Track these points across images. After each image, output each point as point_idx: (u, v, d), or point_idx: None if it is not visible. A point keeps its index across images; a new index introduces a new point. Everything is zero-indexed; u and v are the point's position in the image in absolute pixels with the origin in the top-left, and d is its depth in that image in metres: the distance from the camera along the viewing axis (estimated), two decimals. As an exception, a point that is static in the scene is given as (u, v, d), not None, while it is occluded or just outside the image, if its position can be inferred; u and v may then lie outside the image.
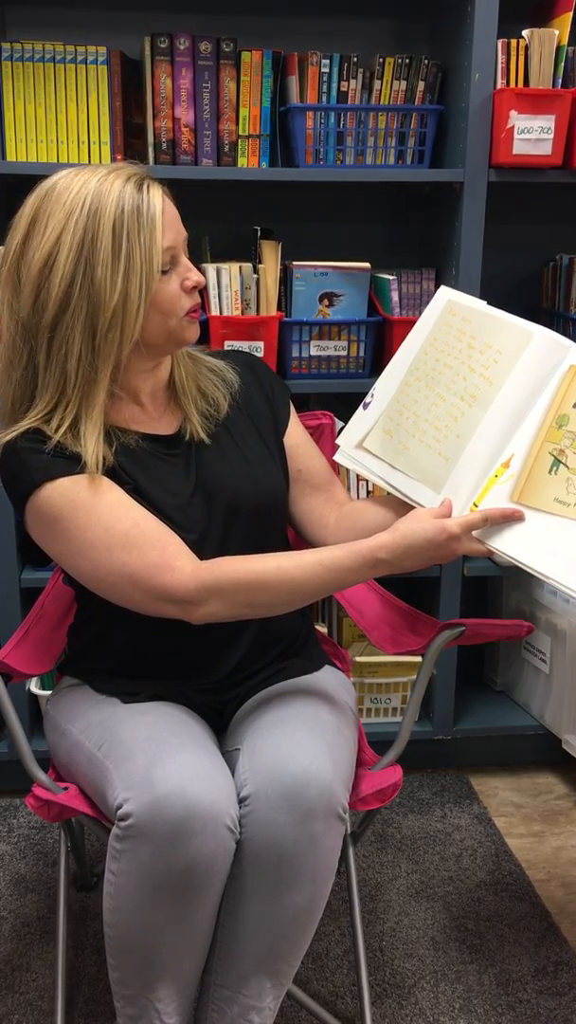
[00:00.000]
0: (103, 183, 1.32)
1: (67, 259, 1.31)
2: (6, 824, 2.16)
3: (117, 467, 1.38)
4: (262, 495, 1.48)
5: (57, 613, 1.72)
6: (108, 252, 1.30)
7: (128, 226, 1.30)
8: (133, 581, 1.32)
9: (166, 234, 1.33)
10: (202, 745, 1.33)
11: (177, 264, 1.37)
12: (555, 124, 1.98)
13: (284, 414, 1.57)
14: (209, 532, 1.43)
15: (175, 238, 1.36)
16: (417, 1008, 1.68)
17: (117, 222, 1.30)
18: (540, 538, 1.32)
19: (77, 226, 1.30)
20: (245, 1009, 1.35)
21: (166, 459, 1.44)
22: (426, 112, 2.07)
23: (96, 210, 1.30)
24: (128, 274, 1.31)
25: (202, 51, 1.98)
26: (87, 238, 1.30)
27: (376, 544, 1.32)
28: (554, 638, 2.27)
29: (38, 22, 2.15)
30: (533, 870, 2.04)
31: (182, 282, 1.37)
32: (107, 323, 1.31)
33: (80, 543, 1.33)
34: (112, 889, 1.28)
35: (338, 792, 1.30)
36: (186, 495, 1.43)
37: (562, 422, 1.34)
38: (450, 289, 1.50)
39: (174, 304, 1.37)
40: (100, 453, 1.34)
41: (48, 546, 1.39)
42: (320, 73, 2.02)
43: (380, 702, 2.30)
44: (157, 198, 1.33)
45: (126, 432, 1.42)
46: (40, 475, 1.33)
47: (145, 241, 1.31)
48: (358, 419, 1.53)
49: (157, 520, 1.35)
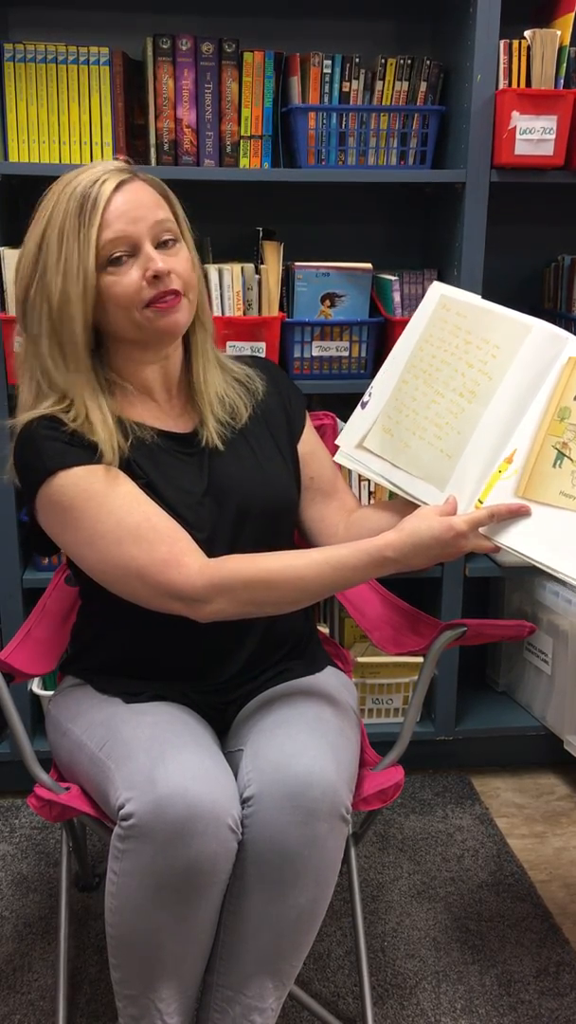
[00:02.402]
0: (68, 186, 1.34)
1: (30, 261, 1.37)
2: (8, 824, 2.16)
3: (131, 461, 1.39)
4: (272, 499, 1.48)
5: (59, 613, 1.72)
6: (53, 254, 1.33)
7: (70, 226, 1.32)
8: (140, 576, 1.32)
9: (112, 227, 1.32)
10: (204, 745, 1.33)
11: (137, 254, 1.35)
12: (557, 125, 1.98)
13: (299, 422, 1.58)
14: (218, 532, 1.43)
15: (127, 228, 1.33)
16: (419, 1009, 1.68)
17: (62, 224, 1.33)
18: (547, 532, 1.32)
19: (38, 231, 1.36)
20: (247, 1010, 1.35)
21: (180, 457, 1.44)
22: (428, 113, 2.07)
23: (50, 216, 1.34)
24: (66, 273, 1.33)
25: (204, 52, 1.98)
26: (43, 241, 1.35)
27: (383, 543, 1.32)
28: (556, 639, 2.27)
29: (40, 23, 2.15)
30: (535, 871, 2.04)
31: (144, 271, 1.35)
32: (60, 321, 1.34)
33: (90, 534, 1.33)
34: (114, 889, 1.28)
35: (341, 793, 1.30)
36: (198, 494, 1.43)
37: (564, 415, 1.34)
38: (443, 284, 1.50)
39: (132, 296, 1.35)
40: (114, 442, 1.35)
41: (57, 535, 1.39)
42: (322, 74, 2.02)
43: (382, 702, 2.30)
44: (105, 192, 1.32)
45: (142, 427, 1.42)
46: (54, 463, 1.34)
47: (82, 238, 1.32)
48: (357, 418, 1.52)
49: (168, 516, 1.35)
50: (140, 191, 1.36)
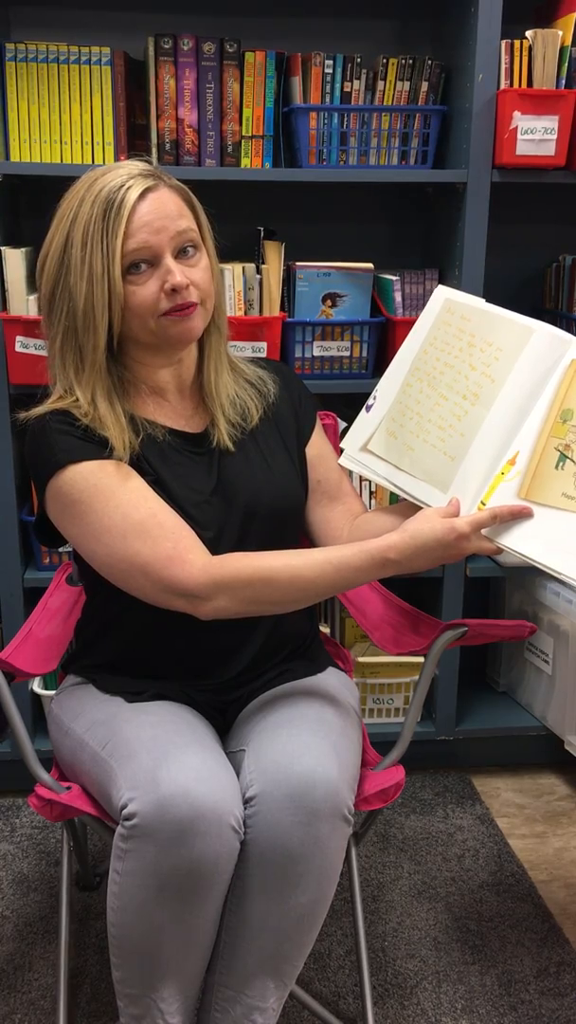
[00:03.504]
0: (93, 186, 1.34)
1: (52, 262, 1.37)
2: (9, 824, 2.16)
3: (141, 457, 1.40)
4: (280, 501, 1.48)
5: (60, 613, 1.72)
6: (78, 258, 1.33)
7: (95, 232, 1.32)
8: (144, 571, 1.33)
9: (135, 236, 1.33)
10: (207, 746, 1.33)
11: (157, 265, 1.35)
12: (558, 125, 1.98)
13: (309, 425, 1.58)
14: (225, 532, 1.43)
15: (150, 239, 1.34)
16: (419, 1009, 1.68)
17: (86, 228, 1.33)
18: (549, 534, 1.32)
19: (62, 232, 1.36)
20: (248, 1009, 1.35)
21: (190, 456, 1.45)
22: (429, 113, 2.07)
23: (75, 217, 1.34)
24: (91, 280, 1.33)
25: (205, 52, 1.98)
26: (67, 242, 1.35)
27: (385, 544, 1.32)
28: (556, 639, 2.27)
29: (42, 23, 2.15)
30: (535, 871, 2.04)
31: (162, 283, 1.36)
32: (83, 324, 1.35)
33: (97, 527, 1.34)
34: (116, 889, 1.28)
35: (344, 793, 1.30)
36: (205, 493, 1.44)
37: (566, 417, 1.34)
38: (447, 288, 1.50)
39: (149, 306, 1.36)
40: (126, 439, 1.36)
41: (65, 527, 1.40)
42: (323, 74, 2.02)
43: (382, 702, 2.30)
44: (130, 200, 1.32)
45: (154, 424, 1.43)
46: (64, 456, 1.35)
47: (107, 247, 1.32)
48: (361, 422, 1.53)
49: (174, 513, 1.36)
50: (165, 199, 1.36)
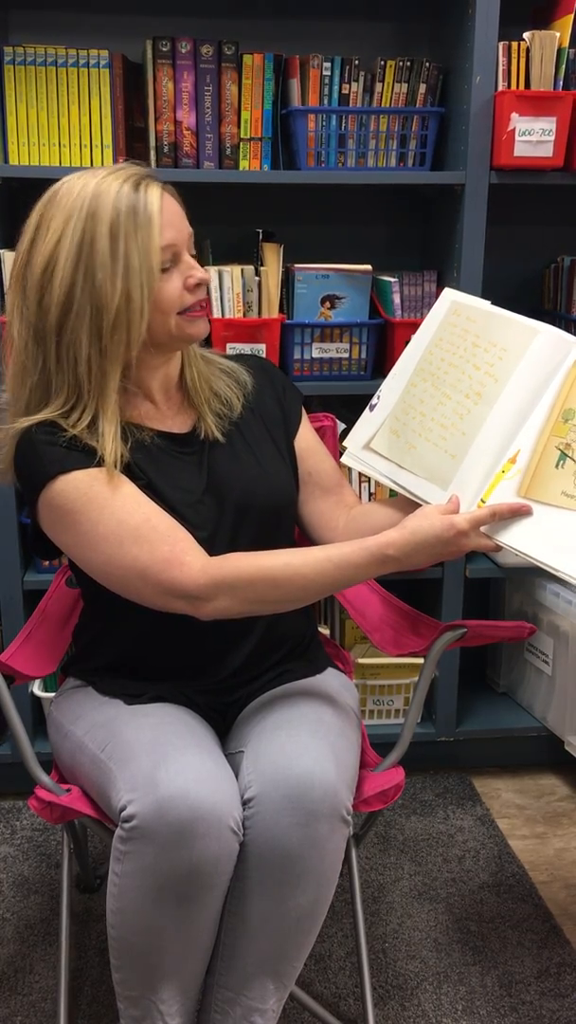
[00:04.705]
0: (100, 185, 1.33)
1: (67, 263, 1.32)
2: (9, 826, 2.16)
3: (131, 463, 1.39)
4: (271, 496, 1.48)
5: (59, 615, 1.72)
6: (106, 254, 1.31)
7: (125, 227, 1.31)
8: (143, 575, 1.33)
9: (164, 232, 1.34)
10: (206, 747, 1.33)
11: (179, 262, 1.38)
12: (556, 126, 1.98)
13: (295, 417, 1.58)
14: (219, 530, 1.44)
15: (175, 236, 1.36)
16: (420, 1010, 1.68)
17: (114, 224, 1.31)
18: (548, 532, 1.33)
19: (75, 230, 1.32)
20: (248, 1011, 1.35)
21: (179, 457, 1.45)
22: (427, 114, 2.08)
23: (93, 213, 1.32)
24: (128, 275, 1.32)
25: (204, 54, 1.99)
26: (85, 240, 1.32)
27: (385, 541, 1.32)
28: (556, 639, 2.27)
29: (40, 26, 2.16)
30: (536, 872, 2.04)
31: (185, 280, 1.38)
32: (111, 324, 1.33)
33: (92, 536, 1.34)
34: (116, 890, 1.28)
35: (342, 795, 1.30)
36: (197, 493, 1.44)
37: (568, 416, 1.35)
38: (454, 291, 1.51)
39: (175, 303, 1.37)
40: (119, 451, 1.35)
41: (59, 538, 1.40)
42: (321, 76, 2.02)
43: (382, 704, 2.30)
44: (155, 197, 1.34)
45: (141, 428, 1.43)
46: (55, 468, 1.34)
47: (142, 241, 1.32)
48: (364, 420, 1.53)
49: (169, 516, 1.36)
50: (173, 200, 1.39)
